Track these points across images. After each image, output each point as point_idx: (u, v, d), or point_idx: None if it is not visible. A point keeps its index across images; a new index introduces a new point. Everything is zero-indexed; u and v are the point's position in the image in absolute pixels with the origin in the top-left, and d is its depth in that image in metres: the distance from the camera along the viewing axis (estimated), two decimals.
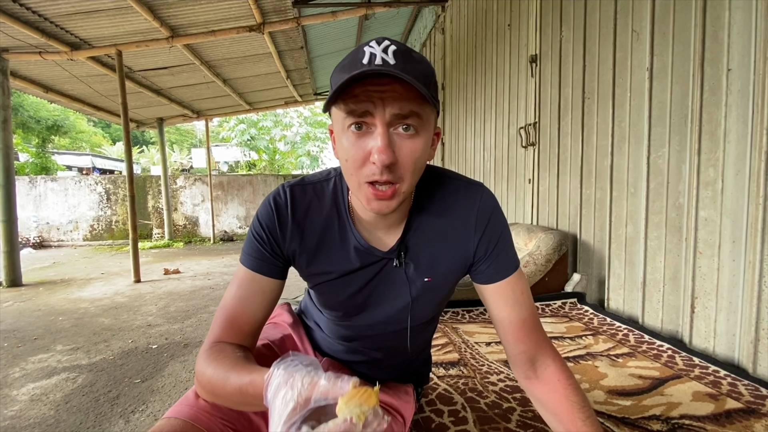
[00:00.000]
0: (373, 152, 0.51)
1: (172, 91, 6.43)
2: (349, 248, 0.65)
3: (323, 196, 0.66)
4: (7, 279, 4.27)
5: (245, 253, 0.64)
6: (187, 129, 20.95)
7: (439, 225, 0.66)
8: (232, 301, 0.62)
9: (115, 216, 8.50)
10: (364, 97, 0.50)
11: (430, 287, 0.68)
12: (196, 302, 3.54)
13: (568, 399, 0.60)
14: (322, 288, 0.69)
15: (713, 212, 1.36)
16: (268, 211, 0.63)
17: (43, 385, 2.01)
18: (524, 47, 2.71)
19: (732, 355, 1.32)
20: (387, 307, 0.69)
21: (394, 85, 0.50)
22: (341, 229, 0.65)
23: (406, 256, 0.66)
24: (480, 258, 0.66)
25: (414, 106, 0.51)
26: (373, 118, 0.51)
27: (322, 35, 5.32)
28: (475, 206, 0.65)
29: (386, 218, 0.63)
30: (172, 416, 0.57)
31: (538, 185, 2.57)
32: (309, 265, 0.66)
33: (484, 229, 0.65)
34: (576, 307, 1.87)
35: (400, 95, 0.50)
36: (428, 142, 0.56)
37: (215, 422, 0.58)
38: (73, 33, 3.96)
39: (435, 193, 0.67)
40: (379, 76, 0.50)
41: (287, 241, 0.64)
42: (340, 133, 0.55)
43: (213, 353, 0.57)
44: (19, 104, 10.53)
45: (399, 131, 0.52)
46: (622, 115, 1.79)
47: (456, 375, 1.19)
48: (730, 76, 1.30)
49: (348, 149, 0.54)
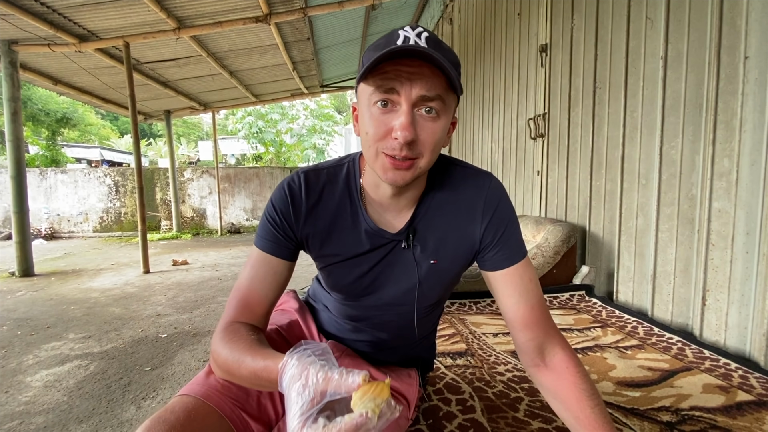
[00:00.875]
0: (396, 128, 0.53)
1: (179, 83, 6.44)
2: (360, 231, 0.67)
3: (336, 181, 0.68)
4: (20, 269, 4.35)
5: (259, 235, 0.66)
6: (194, 122, 21.04)
7: (448, 210, 0.68)
8: (246, 281, 0.64)
9: (123, 208, 8.59)
10: (394, 75, 0.53)
11: (436, 270, 0.69)
12: (205, 293, 3.58)
13: (577, 387, 0.60)
14: (332, 269, 0.70)
15: (727, 203, 1.33)
16: (282, 196, 0.65)
17: (56, 371, 2.05)
18: (534, 36, 2.66)
19: (743, 348, 1.30)
20: (394, 288, 0.70)
21: (423, 67, 0.53)
22: (353, 212, 0.67)
23: (414, 238, 0.67)
24: (487, 245, 0.67)
25: (440, 89, 0.54)
26: (399, 96, 0.53)
27: (329, 26, 5.28)
28: (483, 193, 0.67)
29: (397, 200, 0.65)
30: (185, 394, 0.60)
31: (546, 177, 2.54)
32: (321, 248, 0.68)
33: (492, 216, 0.66)
34: (584, 300, 1.86)
35: (428, 78, 0.53)
36: (447, 127, 0.58)
37: (225, 401, 0.61)
38: (81, 24, 3.97)
39: (445, 180, 0.69)
40: (411, 57, 0.52)
41: (301, 224, 0.66)
42: (365, 108, 0.57)
43: (228, 334, 0.59)
44: (28, 97, 10.63)
45: (422, 113, 0.55)
46: (635, 105, 1.75)
47: (463, 365, 1.19)
48: (747, 63, 1.26)
49: (371, 123, 0.56)
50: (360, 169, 0.68)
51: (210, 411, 0.58)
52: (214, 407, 0.59)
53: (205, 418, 0.57)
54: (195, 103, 7.75)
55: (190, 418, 0.55)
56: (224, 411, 0.60)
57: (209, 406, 0.58)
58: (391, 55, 0.51)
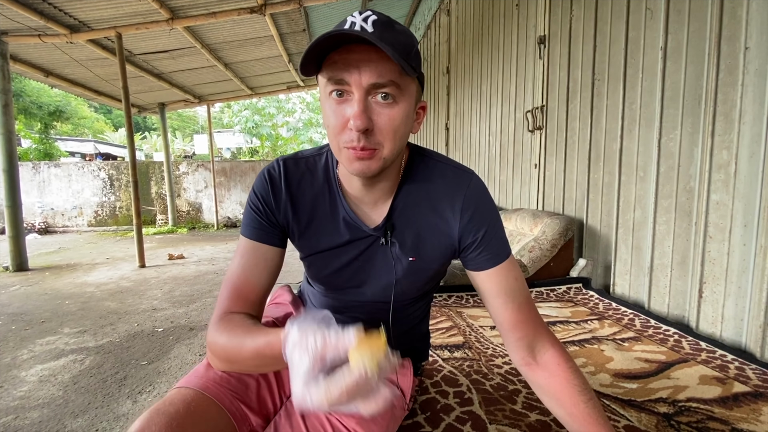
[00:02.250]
0: (350, 118, 0.53)
1: (173, 75, 6.35)
2: (339, 220, 0.67)
3: (315, 170, 0.68)
4: (14, 263, 4.31)
5: (244, 224, 0.67)
6: (189, 115, 20.85)
7: (425, 206, 0.67)
8: (236, 270, 0.64)
9: (118, 202, 8.52)
10: (342, 64, 0.52)
11: (414, 268, 0.69)
12: (201, 287, 3.56)
13: (569, 383, 0.60)
14: (313, 260, 0.70)
15: (725, 196, 1.33)
16: (262, 183, 0.66)
17: (51, 366, 2.04)
18: (532, 28, 2.64)
19: (739, 340, 1.31)
20: (373, 283, 0.70)
21: (371, 53, 0.51)
22: (332, 201, 0.67)
23: (392, 234, 0.67)
24: (468, 245, 0.66)
25: (392, 75, 0.52)
26: (350, 86, 0.52)
27: (325, 17, 5.21)
28: (462, 191, 0.65)
29: (370, 192, 0.64)
30: (184, 386, 0.59)
31: (544, 170, 2.54)
32: (301, 237, 0.68)
33: (471, 216, 0.65)
34: (581, 292, 1.86)
35: (376, 63, 0.51)
36: (408, 112, 0.56)
37: (224, 393, 0.60)
38: (72, 15, 3.90)
39: (422, 175, 0.67)
40: (355, 42, 0.51)
41: (281, 211, 0.66)
42: (324, 100, 0.56)
43: (223, 323, 0.59)
44: (20, 90, 10.46)
45: (377, 99, 0.53)
46: (633, 97, 1.74)
47: (461, 357, 1.19)
48: (747, 54, 1.25)
49: (329, 115, 0.55)
50: None
51: (209, 403, 0.58)
52: (213, 399, 0.58)
53: (205, 410, 0.57)
54: (190, 96, 7.67)
55: (189, 410, 0.55)
56: (223, 403, 0.59)
57: (208, 398, 0.58)
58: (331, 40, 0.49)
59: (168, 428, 0.50)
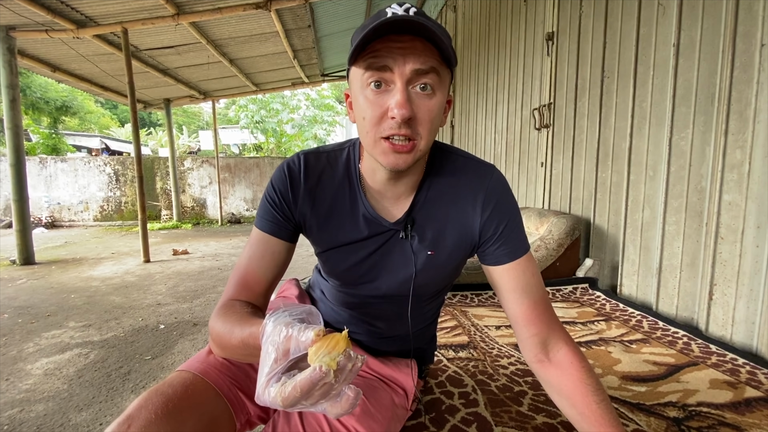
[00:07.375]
0: (392, 107, 0.52)
1: (178, 71, 6.36)
2: (358, 216, 0.66)
3: (336, 164, 0.67)
4: (21, 257, 4.35)
5: (258, 215, 0.66)
6: (195, 111, 20.90)
7: (447, 200, 0.66)
8: (245, 260, 0.64)
9: (124, 197, 8.57)
10: (385, 52, 0.51)
11: (433, 262, 0.68)
12: (205, 282, 3.57)
13: (582, 382, 0.59)
14: (330, 254, 0.69)
15: (738, 196, 1.30)
16: (281, 176, 0.65)
17: (56, 360, 2.05)
18: (540, 24, 2.60)
19: (750, 343, 1.28)
20: (390, 277, 0.69)
21: (415, 41, 0.51)
22: (352, 197, 0.66)
23: (413, 228, 0.66)
24: (488, 239, 0.66)
25: (433, 62, 0.52)
26: (393, 74, 0.52)
27: (330, 13, 5.18)
28: (484, 185, 0.65)
29: (395, 186, 0.63)
30: (184, 369, 0.61)
31: (551, 168, 2.51)
32: (319, 231, 0.67)
33: (492, 209, 0.65)
34: (587, 293, 1.84)
35: (420, 51, 0.51)
36: (443, 104, 0.57)
37: (223, 379, 0.61)
38: (79, 10, 3.90)
39: (445, 169, 0.67)
40: (401, 32, 0.51)
41: (299, 206, 0.65)
42: (358, 92, 0.55)
43: (223, 310, 0.59)
44: (27, 85, 10.52)
45: (417, 90, 0.53)
46: (644, 95, 1.71)
47: (466, 357, 1.17)
48: (763, 51, 1.22)
49: (366, 107, 0.54)
50: (360, 154, 0.66)
51: (207, 387, 0.59)
52: (211, 384, 0.59)
53: (202, 394, 0.57)
54: (195, 92, 7.67)
55: (187, 393, 0.56)
56: (222, 389, 0.60)
57: (206, 383, 0.59)
58: (381, 28, 0.49)
59: (164, 408, 0.51)
